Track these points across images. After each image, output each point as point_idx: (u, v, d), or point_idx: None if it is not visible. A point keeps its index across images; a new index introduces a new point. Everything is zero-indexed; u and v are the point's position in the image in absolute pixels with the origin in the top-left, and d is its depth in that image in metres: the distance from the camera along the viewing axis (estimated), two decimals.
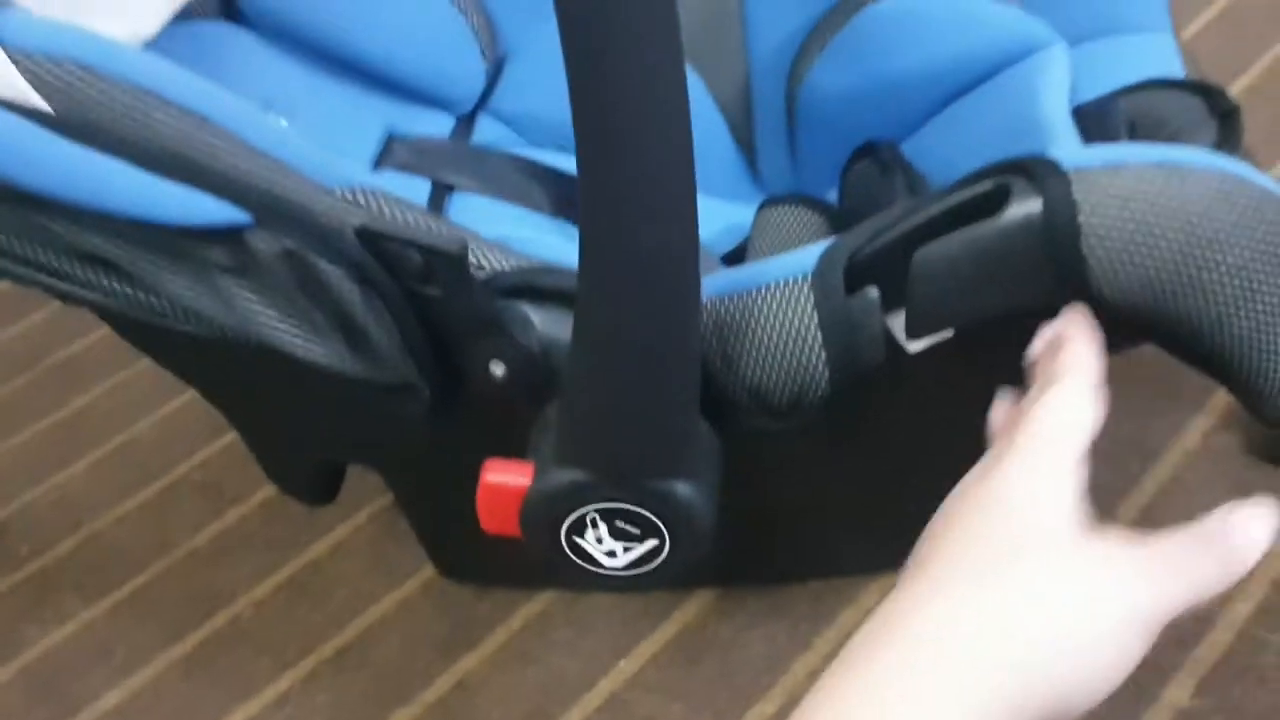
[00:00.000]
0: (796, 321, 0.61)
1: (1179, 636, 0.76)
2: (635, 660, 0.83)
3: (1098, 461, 0.82)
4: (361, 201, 0.62)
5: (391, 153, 0.91)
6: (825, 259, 0.61)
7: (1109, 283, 0.56)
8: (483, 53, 0.96)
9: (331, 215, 0.60)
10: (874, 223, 0.61)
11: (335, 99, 0.91)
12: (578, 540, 0.63)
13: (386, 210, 0.63)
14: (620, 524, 0.61)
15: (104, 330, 1.25)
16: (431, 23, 0.94)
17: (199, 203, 0.58)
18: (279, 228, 0.59)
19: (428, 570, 0.92)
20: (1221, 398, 0.90)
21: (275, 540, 0.98)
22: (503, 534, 0.64)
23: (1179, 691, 0.74)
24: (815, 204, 0.91)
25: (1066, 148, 0.63)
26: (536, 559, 0.82)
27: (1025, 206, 0.56)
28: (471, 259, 0.63)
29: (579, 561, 0.64)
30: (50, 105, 0.58)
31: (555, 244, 0.79)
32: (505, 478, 0.62)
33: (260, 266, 0.60)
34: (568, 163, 0.96)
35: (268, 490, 1.03)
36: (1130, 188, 0.55)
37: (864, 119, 0.90)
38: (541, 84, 0.97)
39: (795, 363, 0.62)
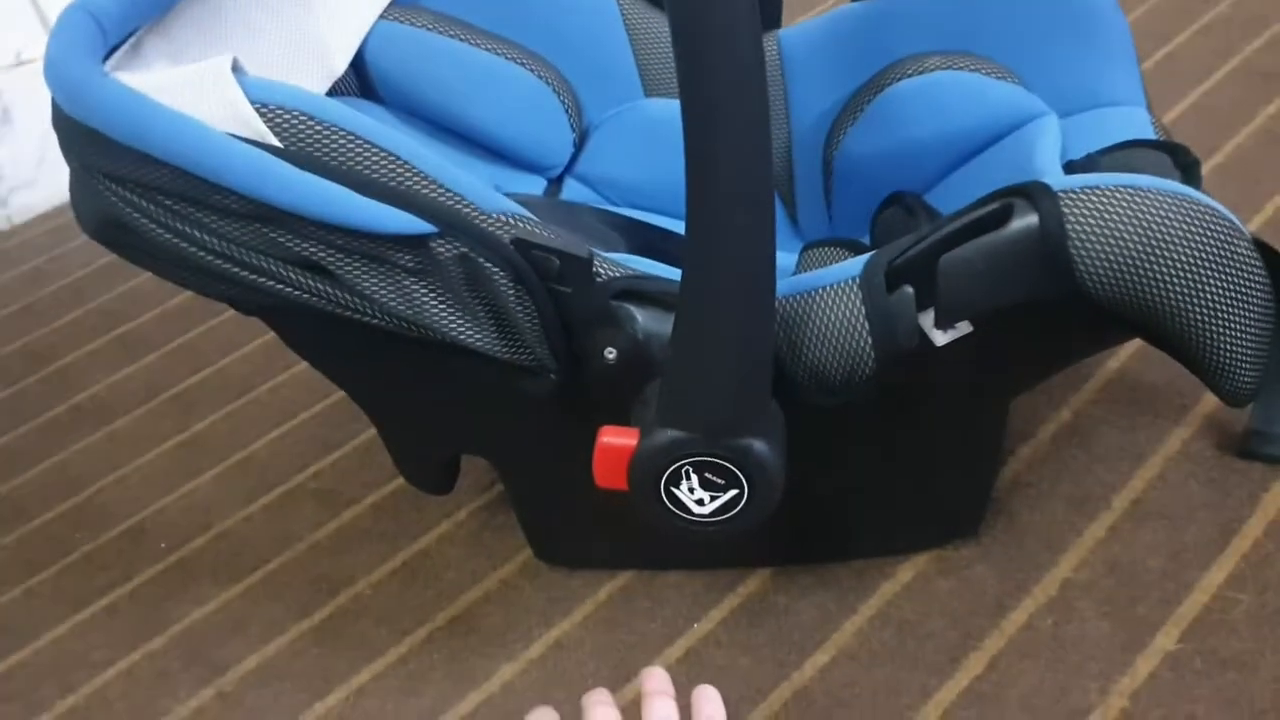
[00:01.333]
0: (848, 314, 0.79)
1: (1164, 597, 0.91)
2: (707, 624, 0.98)
3: (1096, 463, 1.00)
4: (511, 222, 0.80)
5: None
6: (869, 265, 0.79)
7: (1091, 278, 0.73)
8: (571, 126, 1.14)
9: (494, 230, 0.78)
10: (907, 239, 0.79)
11: (453, 162, 1.09)
12: (674, 490, 0.78)
13: (530, 230, 0.80)
14: (709, 475, 0.77)
15: (212, 368, 1.43)
16: (530, 101, 1.12)
17: (396, 216, 0.75)
18: (456, 236, 0.76)
19: (524, 555, 1.07)
20: (1196, 411, 1.06)
21: (387, 534, 1.13)
22: (613, 488, 0.80)
23: (1165, 639, 0.89)
24: (851, 243, 1.09)
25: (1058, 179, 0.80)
26: (619, 543, 0.99)
27: (1025, 220, 0.74)
28: (596, 268, 0.80)
29: (674, 510, 0.80)
30: (280, 142, 0.75)
31: (645, 265, 0.96)
32: (617, 439, 0.78)
33: (438, 267, 0.77)
34: (640, 217, 1.13)
35: (378, 494, 1.19)
36: (1104, 203, 0.73)
37: (891, 177, 1.08)
38: (617, 153, 1.16)
39: (847, 347, 0.79)
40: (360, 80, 1.07)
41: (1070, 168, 0.93)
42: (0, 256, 1.82)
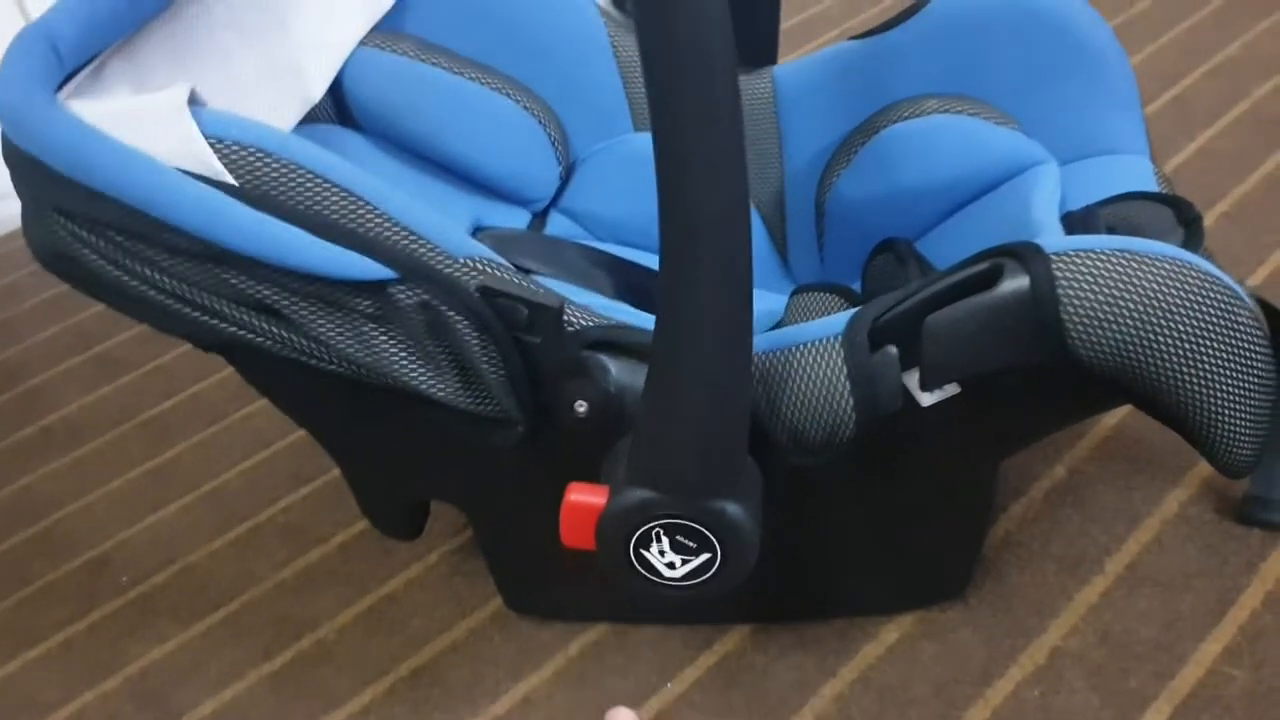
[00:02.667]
0: (829, 373, 0.75)
1: (1157, 670, 0.87)
2: (680, 683, 0.94)
3: (1090, 523, 0.96)
4: (480, 268, 0.76)
5: (481, 239, 1.05)
6: (853, 323, 0.75)
7: (1083, 344, 0.69)
8: (557, 159, 1.10)
9: (458, 276, 0.74)
10: (892, 296, 0.75)
11: (431, 194, 1.05)
12: (644, 552, 0.74)
13: (498, 275, 0.76)
14: (680, 538, 0.73)
15: (186, 393, 1.40)
16: (515, 133, 1.08)
17: (355, 261, 0.72)
18: (417, 283, 0.73)
19: (494, 604, 1.03)
20: (1195, 473, 1.02)
21: (354, 576, 1.10)
22: (580, 547, 0.76)
23: (1156, 716, 0.85)
24: (841, 290, 1.05)
25: (1051, 239, 0.76)
26: (592, 595, 0.95)
27: (1015, 282, 0.70)
28: (567, 317, 0.77)
29: (643, 572, 0.76)
30: (235, 179, 0.72)
31: (622, 312, 0.92)
32: (585, 497, 0.75)
33: (398, 314, 0.73)
34: (624, 254, 1.10)
35: (346, 533, 1.15)
36: (1099, 268, 0.69)
37: (883, 222, 1.05)
38: (604, 188, 1.12)
39: (827, 407, 0.75)
40: (337, 107, 1.03)
41: (1069, 219, 0.89)
42: None
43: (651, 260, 1.09)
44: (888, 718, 0.88)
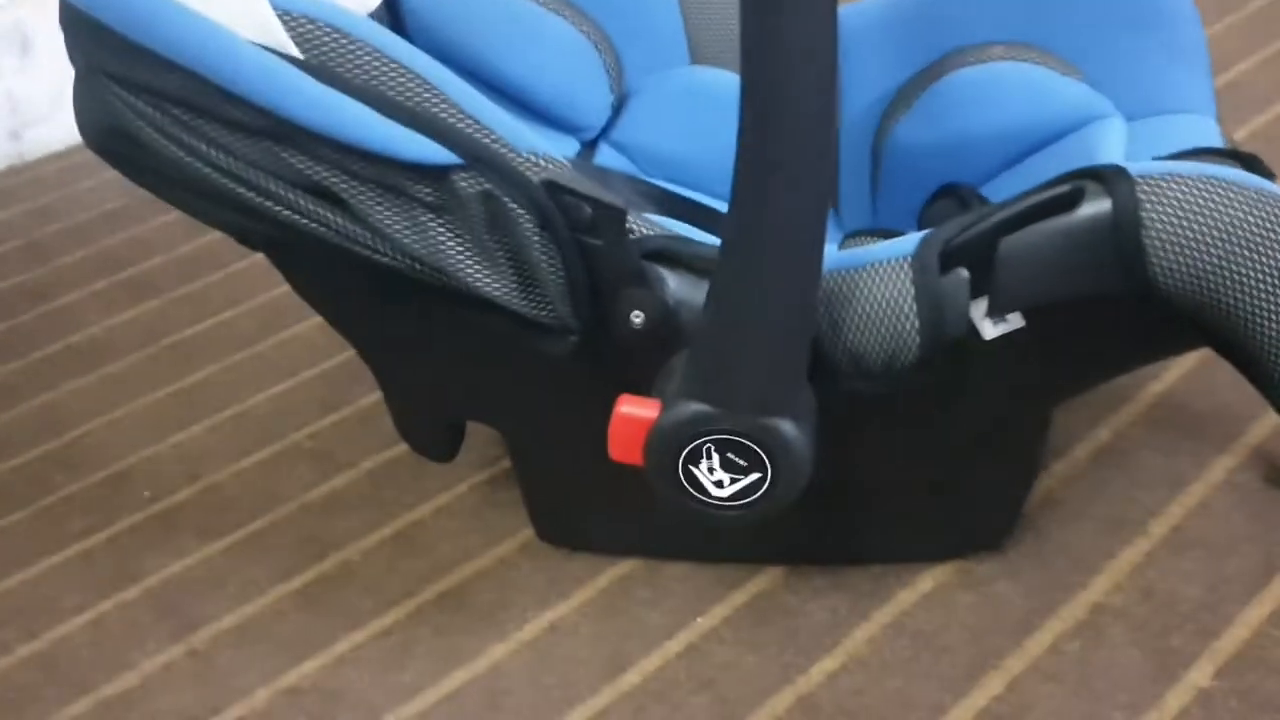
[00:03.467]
0: (896, 294, 0.73)
1: (1200, 629, 0.86)
2: (711, 618, 0.92)
3: (1135, 487, 0.94)
4: (544, 164, 0.74)
5: None
6: (924, 243, 0.73)
7: (1163, 273, 0.68)
8: (610, 86, 1.09)
9: (523, 169, 0.72)
10: (968, 217, 0.73)
11: None
12: (693, 469, 0.73)
13: (564, 172, 0.75)
14: (731, 455, 0.72)
15: (215, 320, 1.38)
16: (569, 56, 1.06)
17: (417, 142, 0.70)
18: (482, 171, 0.71)
19: (524, 534, 1.02)
20: (1243, 441, 1.00)
21: (382, 501, 1.08)
22: (628, 462, 0.75)
23: (1199, 675, 0.83)
24: (890, 234, 1.03)
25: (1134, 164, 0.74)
26: (626, 526, 0.93)
27: (1096, 205, 0.68)
28: (631, 223, 0.75)
29: (691, 490, 0.74)
30: (302, 53, 0.70)
31: (681, 228, 0.91)
32: (636, 410, 0.73)
33: (459, 204, 0.72)
34: (677, 191, 1.08)
35: (375, 460, 1.13)
36: (1184, 194, 0.67)
37: (942, 170, 1.03)
38: (657, 121, 1.10)
39: (892, 330, 0.73)
40: (391, 16, 1.01)
41: None
42: (8, 192, 1.76)
43: (702, 200, 1.07)
44: (922, 662, 0.86)
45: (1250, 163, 0.86)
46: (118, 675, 0.94)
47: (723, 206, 1.10)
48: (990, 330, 0.73)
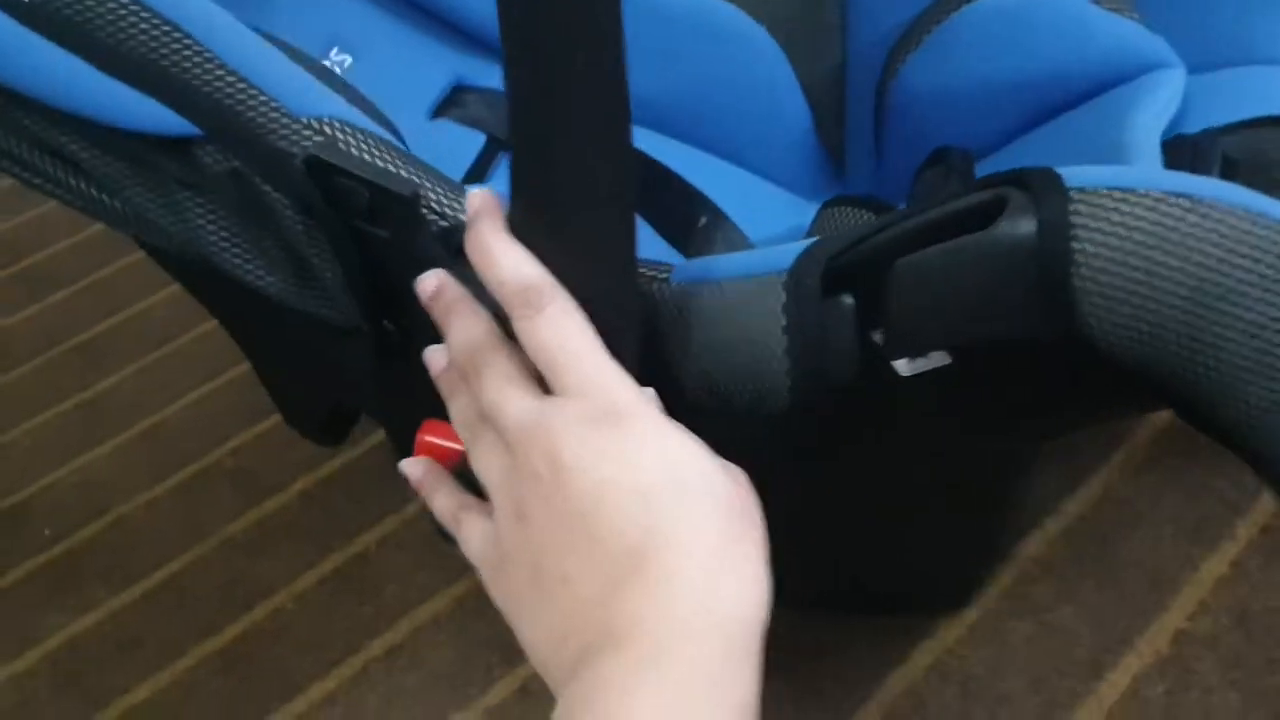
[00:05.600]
0: (761, 320, 0.54)
1: None
2: None
3: (1214, 476, 0.78)
4: (326, 132, 0.56)
5: (456, 101, 0.86)
6: (804, 257, 0.54)
7: (1101, 325, 0.47)
8: None
9: (287, 141, 0.55)
10: (862, 228, 0.54)
11: (406, 42, 0.86)
12: None
13: (353, 145, 0.57)
14: None
15: (126, 314, 1.21)
16: None
17: (152, 111, 0.54)
18: (228, 146, 0.54)
19: None
20: None
21: (316, 531, 0.92)
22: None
23: None
24: (879, 207, 0.86)
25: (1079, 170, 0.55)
26: None
27: (1016, 225, 0.49)
28: (436, 208, 0.57)
29: None
30: None
31: None
32: (441, 441, 0.57)
33: (211, 182, 0.56)
34: (637, 135, 0.91)
35: (307, 479, 0.97)
36: (1139, 216, 0.47)
37: (952, 124, 0.84)
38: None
39: (755, 365, 0.54)
40: None
41: (1176, 146, 0.68)
42: None
43: (659, 142, 0.90)
44: (976, 717, 0.71)
45: None
46: None
47: (675, 155, 0.95)
48: (906, 367, 0.54)
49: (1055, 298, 0.48)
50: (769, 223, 0.89)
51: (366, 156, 0.56)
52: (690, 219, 0.82)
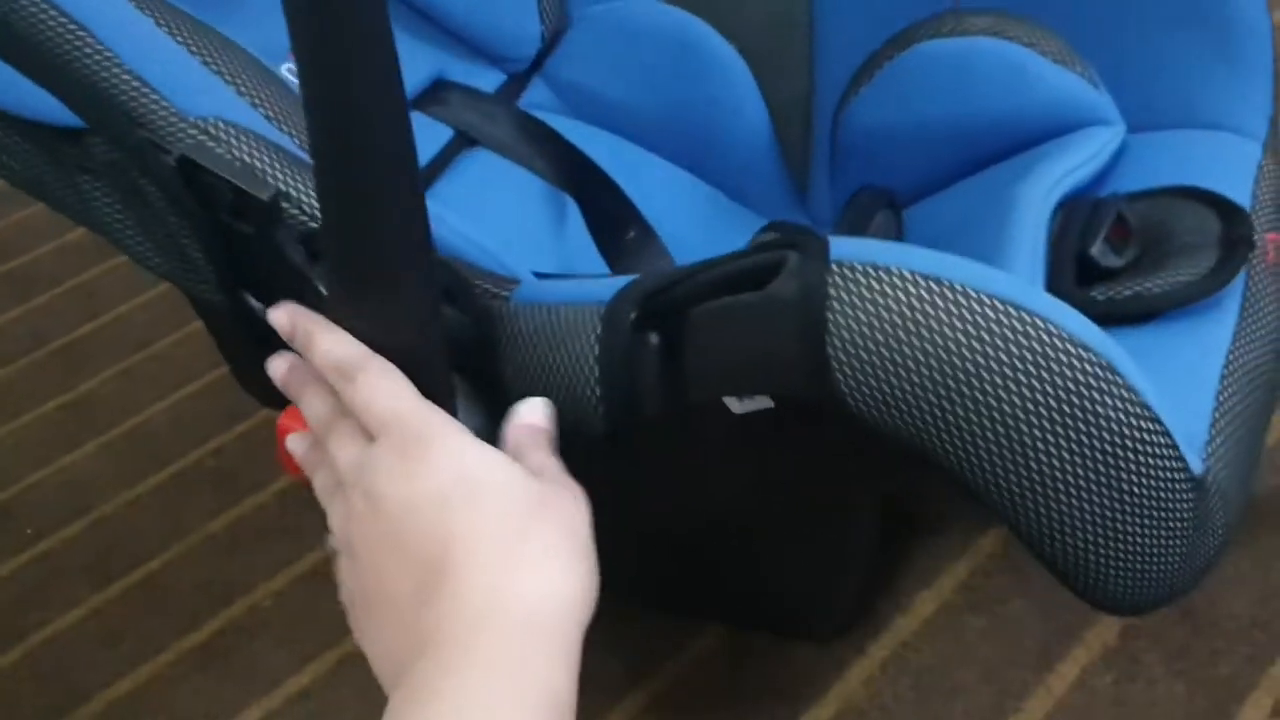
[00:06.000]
0: (579, 348, 0.56)
1: (1253, 654, 0.73)
2: (675, 664, 0.80)
3: None
4: (210, 132, 0.60)
5: (435, 95, 0.89)
6: (621, 292, 0.56)
7: (853, 394, 0.49)
8: (542, 17, 0.93)
9: (171, 138, 0.58)
10: (676, 272, 0.56)
11: (400, 43, 0.89)
12: None
13: (233, 145, 0.60)
14: None
15: (107, 317, 1.23)
16: None
17: (34, 97, 0.59)
18: (110, 139, 0.59)
19: None
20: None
21: (295, 530, 0.94)
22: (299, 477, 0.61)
23: (1256, 711, 0.71)
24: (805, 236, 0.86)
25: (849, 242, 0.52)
26: None
27: (784, 287, 0.49)
28: (308, 210, 0.59)
29: None
30: None
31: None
32: (294, 423, 0.59)
33: (102, 170, 0.61)
34: (599, 138, 0.93)
35: (287, 479, 0.98)
36: (887, 294, 0.48)
37: (892, 162, 0.83)
38: (591, 58, 0.94)
39: (572, 389, 0.57)
40: None
41: (1073, 207, 0.69)
42: None
43: (628, 151, 0.93)
44: (931, 708, 0.73)
45: (1232, 218, 0.65)
46: None
47: (632, 163, 0.96)
48: (738, 406, 0.55)
49: (814, 362, 0.49)
50: (721, 236, 0.90)
51: (246, 157, 0.59)
52: (620, 232, 0.83)
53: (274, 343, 0.54)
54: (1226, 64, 0.74)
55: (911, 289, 0.47)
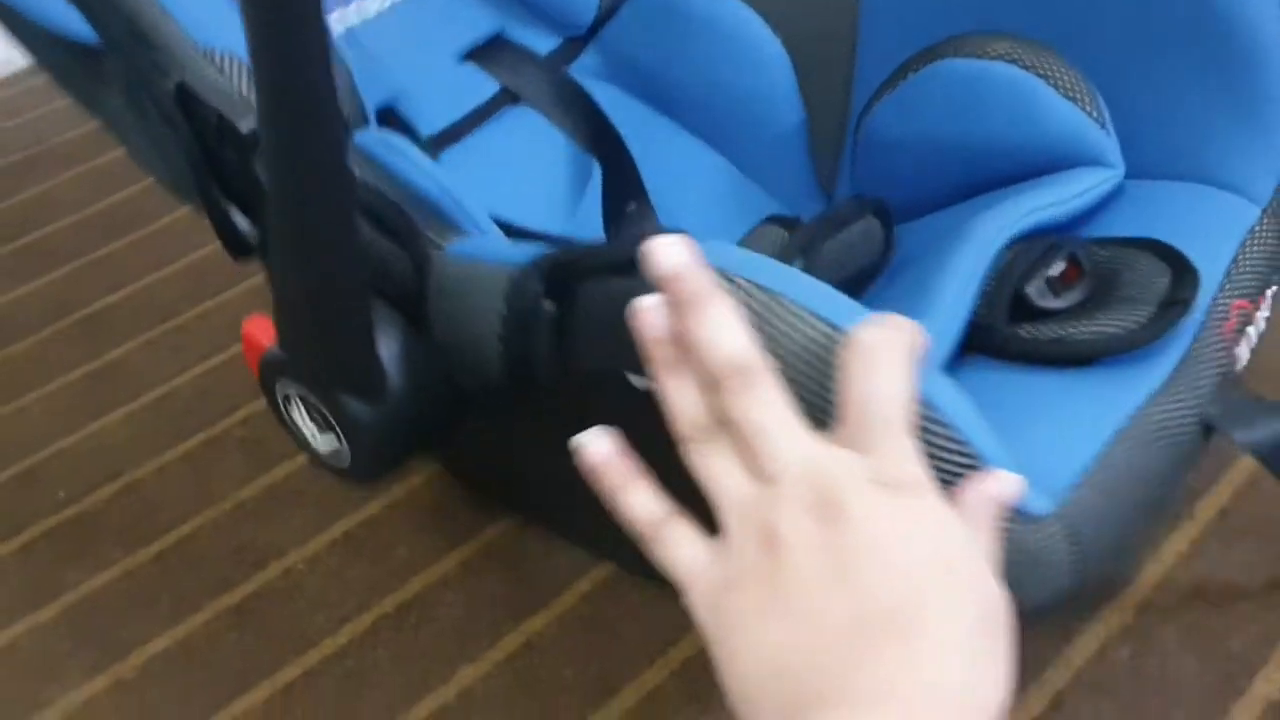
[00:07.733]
0: (487, 305, 0.60)
1: (1264, 632, 0.76)
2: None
3: None
4: (216, 62, 0.64)
5: (490, 52, 0.94)
6: (538, 261, 0.59)
7: None
8: None
9: (175, 65, 0.63)
10: (591, 246, 0.60)
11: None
12: (290, 412, 0.65)
13: (236, 79, 0.64)
14: (314, 413, 0.63)
15: (133, 287, 1.24)
16: None
17: (71, 18, 0.65)
18: (123, 60, 0.65)
19: (491, 532, 0.91)
20: None
21: (326, 499, 0.96)
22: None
23: (1268, 686, 0.74)
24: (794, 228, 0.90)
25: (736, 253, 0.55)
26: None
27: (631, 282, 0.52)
28: None
29: (295, 431, 0.66)
30: None
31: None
32: (256, 330, 0.64)
33: (119, 83, 0.67)
34: (635, 112, 0.96)
35: None
36: (734, 299, 0.50)
37: (902, 174, 0.84)
38: (644, 34, 0.96)
39: (478, 341, 0.60)
40: None
41: (1028, 242, 0.68)
42: None
43: (659, 125, 0.95)
44: None
45: (1181, 275, 0.64)
46: (30, 717, 0.82)
47: (662, 136, 0.98)
48: (640, 381, 0.58)
49: None
50: (735, 220, 0.93)
51: (245, 91, 0.64)
52: (623, 203, 0.87)
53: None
54: (1245, 127, 0.73)
55: (740, 294, 0.51)
